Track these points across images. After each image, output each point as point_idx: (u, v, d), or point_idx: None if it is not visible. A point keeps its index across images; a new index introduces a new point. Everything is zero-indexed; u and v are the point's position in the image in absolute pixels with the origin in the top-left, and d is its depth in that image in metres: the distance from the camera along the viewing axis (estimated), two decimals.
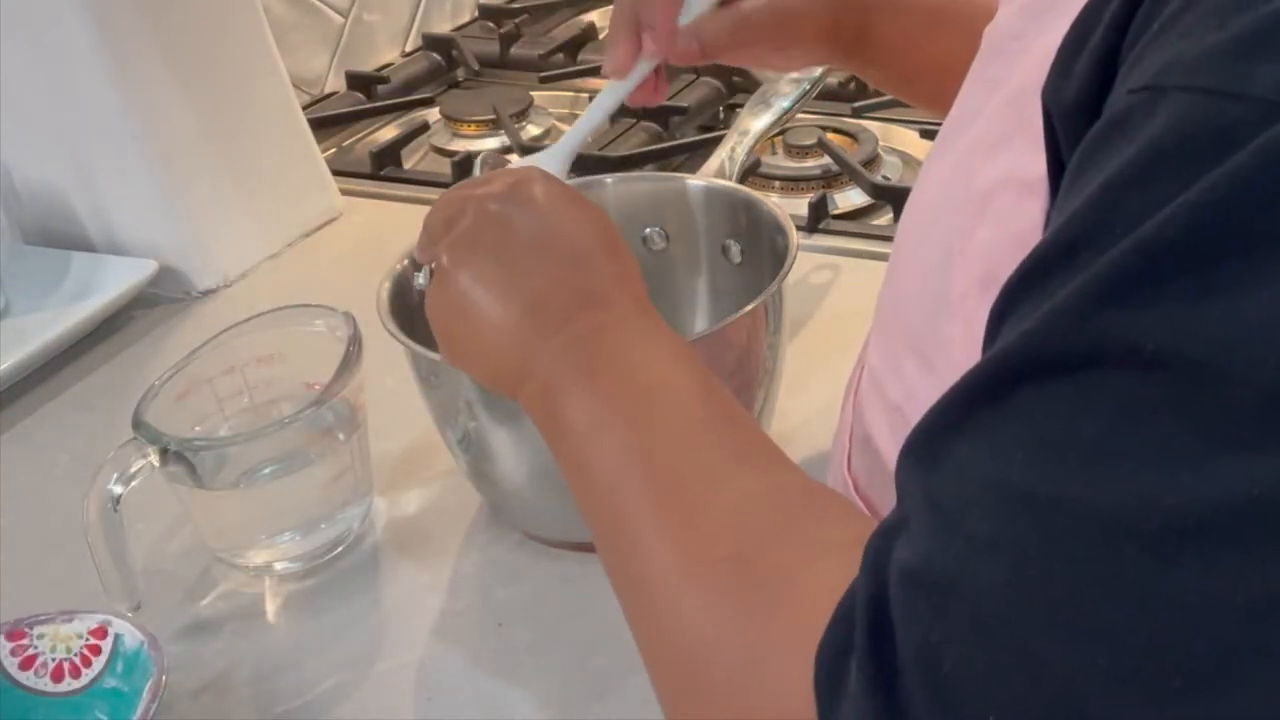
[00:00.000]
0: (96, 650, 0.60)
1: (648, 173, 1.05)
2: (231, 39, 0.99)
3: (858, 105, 1.18)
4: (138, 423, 0.66)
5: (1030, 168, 0.40)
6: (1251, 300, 0.28)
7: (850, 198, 1.06)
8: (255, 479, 0.68)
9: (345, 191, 1.11)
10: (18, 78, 0.94)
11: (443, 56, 1.38)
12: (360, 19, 1.35)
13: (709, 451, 0.46)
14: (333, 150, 1.22)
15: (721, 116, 1.23)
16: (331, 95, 1.31)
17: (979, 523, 0.31)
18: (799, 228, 0.78)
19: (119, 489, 0.64)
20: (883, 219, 1.04)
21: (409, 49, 1.42)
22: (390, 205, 1.11)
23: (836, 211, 1.04)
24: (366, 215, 1.09)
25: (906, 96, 0.79)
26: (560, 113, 1.27)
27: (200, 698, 0.64)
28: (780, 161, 1.11)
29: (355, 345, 0.70)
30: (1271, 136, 0.28)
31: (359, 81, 1.32)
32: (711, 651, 0.40)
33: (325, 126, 1.22)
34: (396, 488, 0.77)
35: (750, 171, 1.08)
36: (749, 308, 0.65)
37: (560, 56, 1.35)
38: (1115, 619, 0.28)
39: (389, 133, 1.24)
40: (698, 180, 0.79)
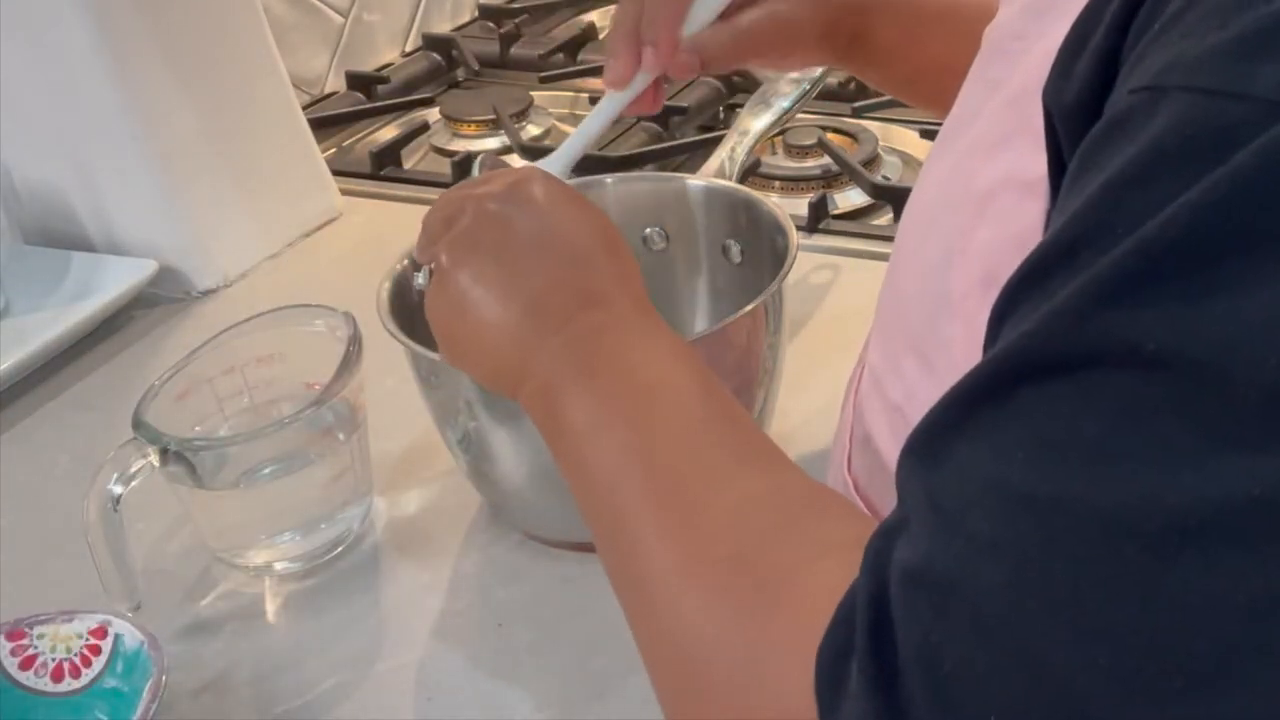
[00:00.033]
0: (96, 650, 0.60)
1: (648, 173, 1.05)
2: (231, 39, 0.99)
3: (858, 105, 1.18)
4: (138, 423, 0.66)
5: (1031, 168, 0.40)
6: (1253, 300, 0.28)
7: (850, 198, 1.06)
8: (255, 479, 0.68)
9: (345, 191, 1.11)
10: (18, 78, 0.94)
11: (443, 56, 1.38)
12: (360, 19, 1.35)
13: (709, 451, 0.46)
14: (333, 150, 1.22)
15: (721, 116, 1.23)
16: (331, 95, 1.31)
17: (980, 523, 0.31)
18: (799, 228, 0.78)
19: (119, 489, 0.64)
20: (883, 219, 1.04)
21: (409, 49, 1.42)
22: (390, 205, 1.11)
23: (836, 211, 1.04)
24: (366, 215, 1.09)
25: (906, 97, 0.79)
26: (560, 113, 1.27)
27: (200, 698, 0.64)
28: (780, 161, 1.11)
29: (355, 345, 0.70)
30: (1273, 136, 0.28)
31: (359, 81, 1.32)
32: (711, 651, 0.40)
33: (325, 126, 1.22)
34: (396, 488, 0.77)
35: (750, 171, 1.08)
36: (749, 308, 0.65)
37: (560, 56, 1.35)
38: (1116, 619, 0.28)
39: (389, 133, 1.24)
40: (698, 180, 0.79)
